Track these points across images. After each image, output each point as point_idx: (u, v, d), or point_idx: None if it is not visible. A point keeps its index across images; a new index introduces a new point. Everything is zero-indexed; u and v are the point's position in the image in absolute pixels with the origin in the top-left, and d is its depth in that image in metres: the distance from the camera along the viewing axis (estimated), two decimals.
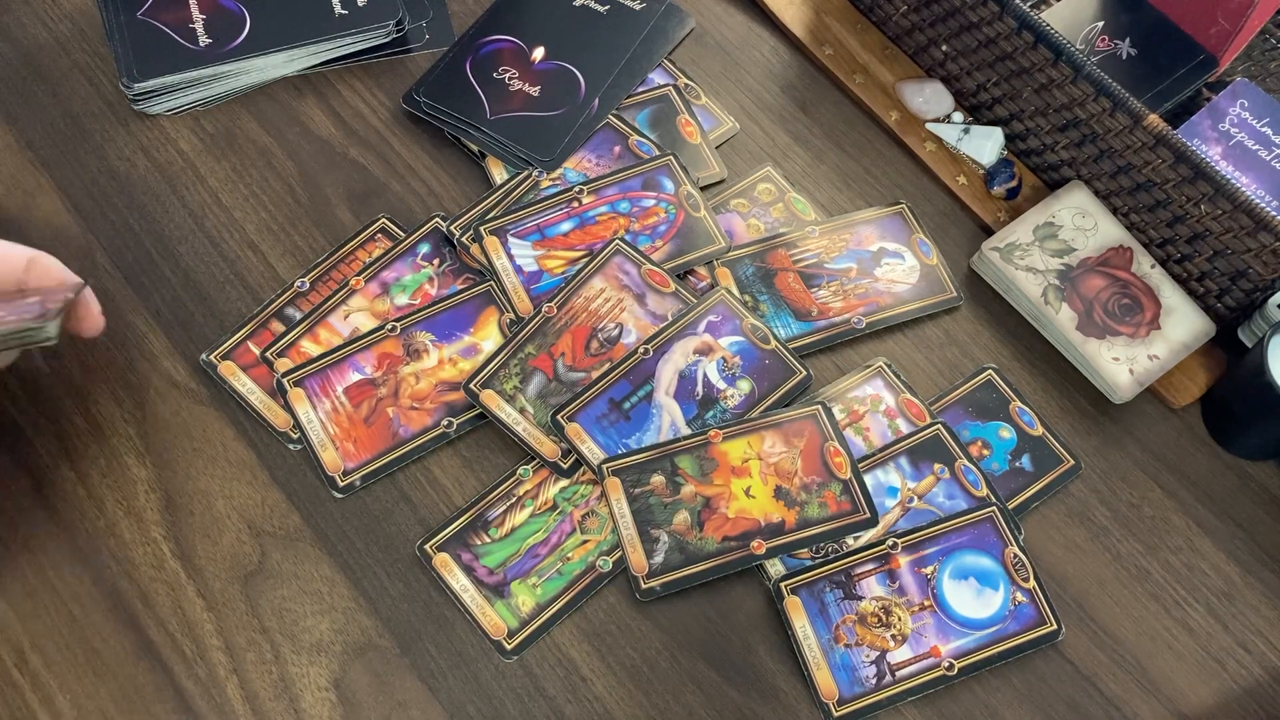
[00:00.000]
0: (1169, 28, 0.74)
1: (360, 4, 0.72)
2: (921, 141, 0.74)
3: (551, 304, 0.64)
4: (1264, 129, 0.71)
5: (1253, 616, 0.61)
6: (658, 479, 0.59)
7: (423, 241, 0.67)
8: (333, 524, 0.59)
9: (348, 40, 0.72)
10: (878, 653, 0.57)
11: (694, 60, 0.76)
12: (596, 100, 0.71)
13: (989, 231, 0.71)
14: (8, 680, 0.53)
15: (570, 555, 0.58)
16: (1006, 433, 0.64)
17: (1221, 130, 0.71)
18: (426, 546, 0.58)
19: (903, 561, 0.59)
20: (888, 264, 0.69)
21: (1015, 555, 0.59)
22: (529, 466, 0.60)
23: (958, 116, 0.75)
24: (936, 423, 0.63)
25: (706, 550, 0.58)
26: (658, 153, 0.70)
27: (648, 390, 0.62)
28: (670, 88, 0.74)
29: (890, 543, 0.59)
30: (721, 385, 0.63)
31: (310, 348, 0.63)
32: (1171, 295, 0.67)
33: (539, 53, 0.73)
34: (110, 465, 0.59)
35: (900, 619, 0.58)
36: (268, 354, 0.62)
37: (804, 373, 0.63)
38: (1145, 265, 0.68)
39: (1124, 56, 0.73)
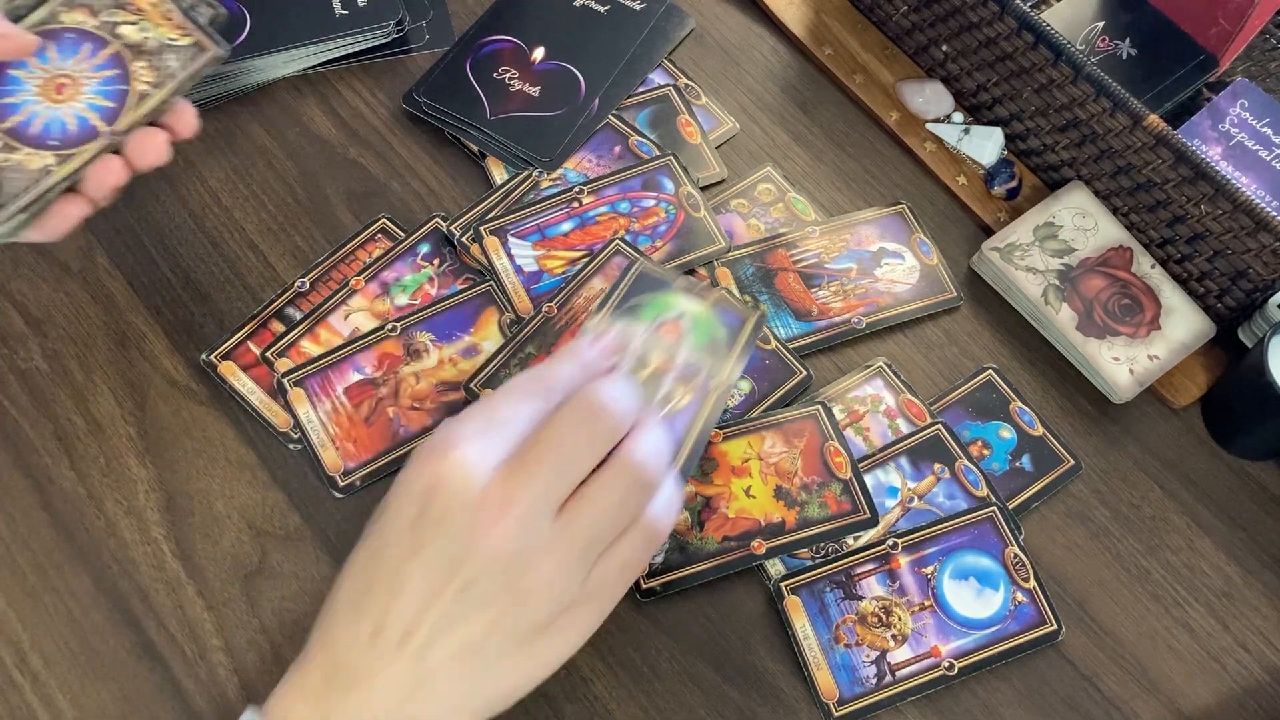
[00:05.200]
0: (1169, 28, 0.74)
1: (360, 4, 0.72)
2: (921, 141, 0.74)
3: (552, 304, 0.64)
4: (1264, 129, 0.71)
5: (1253, 616, 0.61)
6: None
7: (423, 241, 0.67)
8: (333, 524, 0.59)
9: (348, 40, 0.72)
10: (878, 653, 0.57)
11: (694, 60, 0.76)
12: (596, 100, 0.71)
13: (989, 231, 0.71)
14: (8, 680, 0.53)
15: None
16: (1006, 433, 0.64)
17: (1221, 130, 0.71)
18: None
19: (903, 561, 0.59)
20: (888, 264, 0.69)
21: (1015, 555, 0.59)
22: None
23: (958, 116, 0.75)
24: (936, 423, 0.63)
25: (707, 550, 0.58)
26: (658, 153, 0.70)
27: None
28: (670, 88, 0.74)
29: (890, 543, 0.59)
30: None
31: (310, 348, 0.63)
32: (1171, 295, 0.67)
33: (539, 53, 0.73)
34: (110, 465, 0.59)
35: (900, 619, 0.58)
36: (268, 354, 0.62)
37: (804, 373, 0.63)
38: (1145, 265, 0.68)
39: (1124, 56, 0.74)
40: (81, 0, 0.49)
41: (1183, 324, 0.66)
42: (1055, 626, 0.58)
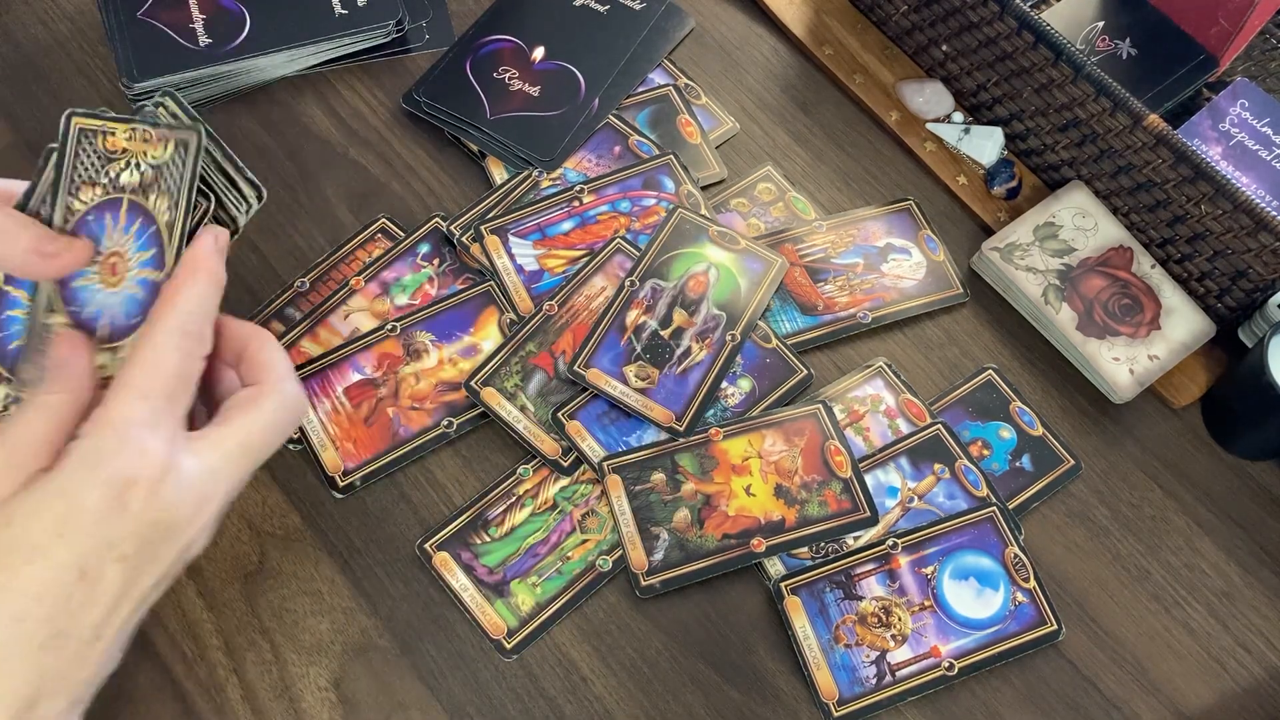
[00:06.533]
0: (1169, 28, 0.74)
1: (360, 4, 0.72)
2: (921, 141, 0.74)
3: (553, 302, 0.64)
4: (1264, 129, 0.71)
5: (1253, 616, 0.61)
6: (658, 476, 0.59)
7: (423, 241, 0.67)
8: (333, 524, 0.59)
9: (348, 40, 0.72)
10: (878, 653, 0.57)
11: (694, 60, 0.76)
12: (596, 100, 0.71)
13: (989, 231, 0.71)
14: None
15: (570, 554, 0.58)
16: (1007, 433, 0.64)
17: (1221, 130, 0.71)
18: (426, 546, 0.58)
19: (903, 561, 0.59)
20: (894, 259, 0.69)
21: (1015, 555, 0.59)
22: (529, 465, 0.60)
23: (958, 116, 0.75)
24: (937, 423, 0.63)
25: (706, 547, 0.58)
26: (658, 152, 0.70)
27: None
28: (670, 88, 0.74)
29: (890, 543, 0.59)
30: (722, 383, 0.63)
31: (310, 348, 0.63)
32: (1172, 295, 0.67)
33: (539, 53, 0.73)
34: None
35: (900, 619, 0.58)
36: None
37: (805, 372, 0.63)
38: (1145, 265, 0.68)
39: (1124, 56, 0.74)
40: (83, 178, 0.46)
41: (1183, 324, 0.66)
42: (1055, 626, 0.58)
